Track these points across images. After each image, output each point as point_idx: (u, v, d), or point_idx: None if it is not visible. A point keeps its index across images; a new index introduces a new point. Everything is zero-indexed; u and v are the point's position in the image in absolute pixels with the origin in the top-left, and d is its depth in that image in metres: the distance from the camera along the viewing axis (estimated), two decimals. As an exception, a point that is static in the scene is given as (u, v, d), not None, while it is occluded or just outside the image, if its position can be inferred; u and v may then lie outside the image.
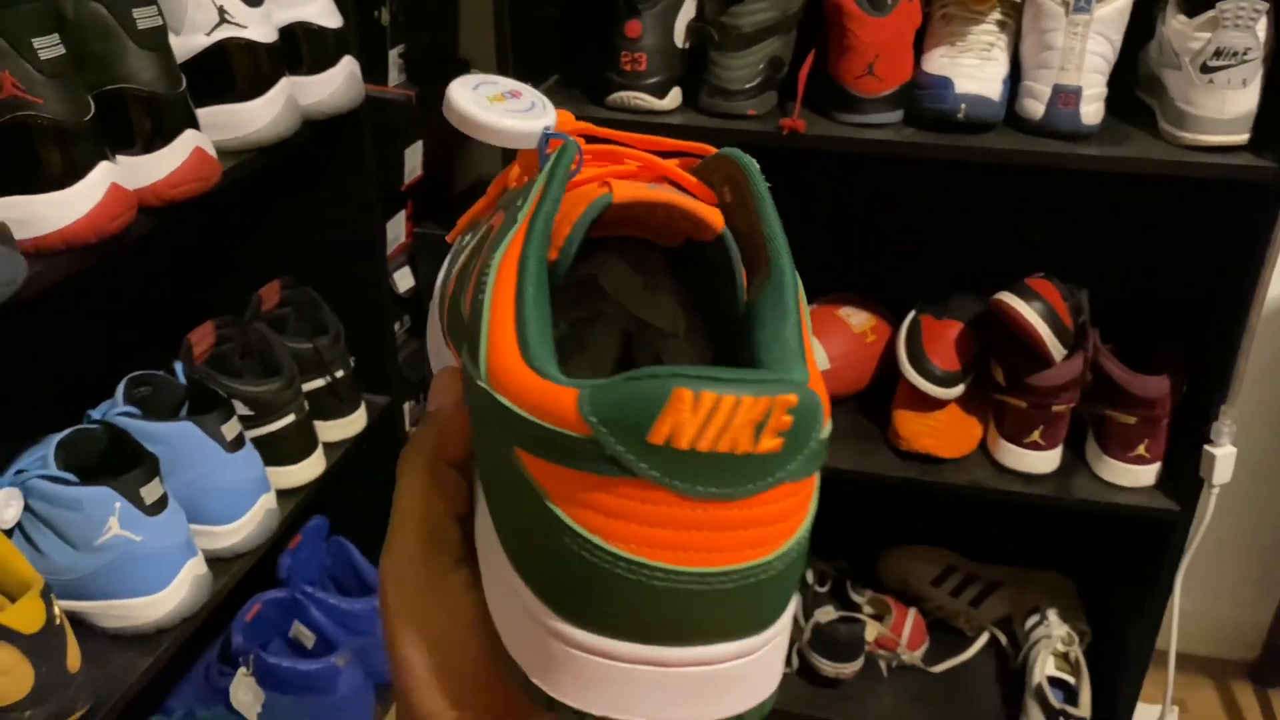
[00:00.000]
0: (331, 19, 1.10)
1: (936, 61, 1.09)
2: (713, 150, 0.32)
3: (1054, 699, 1.33)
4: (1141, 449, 1.19)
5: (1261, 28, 1.00)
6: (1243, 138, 1.03)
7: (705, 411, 0.21)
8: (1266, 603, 1.58)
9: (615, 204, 0.29)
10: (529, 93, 0.33)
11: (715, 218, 0.29)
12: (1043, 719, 1.33)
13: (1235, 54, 1.00)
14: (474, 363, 0.26)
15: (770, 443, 0.22)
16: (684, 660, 0.23)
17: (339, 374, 1.24)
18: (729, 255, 0.29)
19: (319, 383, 1.23)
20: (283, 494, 1.18)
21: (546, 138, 0.31)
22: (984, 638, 1.49)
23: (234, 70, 0.99)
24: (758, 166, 0.29)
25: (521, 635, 0.25)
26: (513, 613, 0.25)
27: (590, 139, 0.33)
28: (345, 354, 1.25)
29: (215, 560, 1.07)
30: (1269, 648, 1.58)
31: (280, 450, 1.16)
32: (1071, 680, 1.36)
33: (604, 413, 0.22)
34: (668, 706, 0.24)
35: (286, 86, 1.03)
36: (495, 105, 0.31)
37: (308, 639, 1.35)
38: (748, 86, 1.11)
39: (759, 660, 0.25)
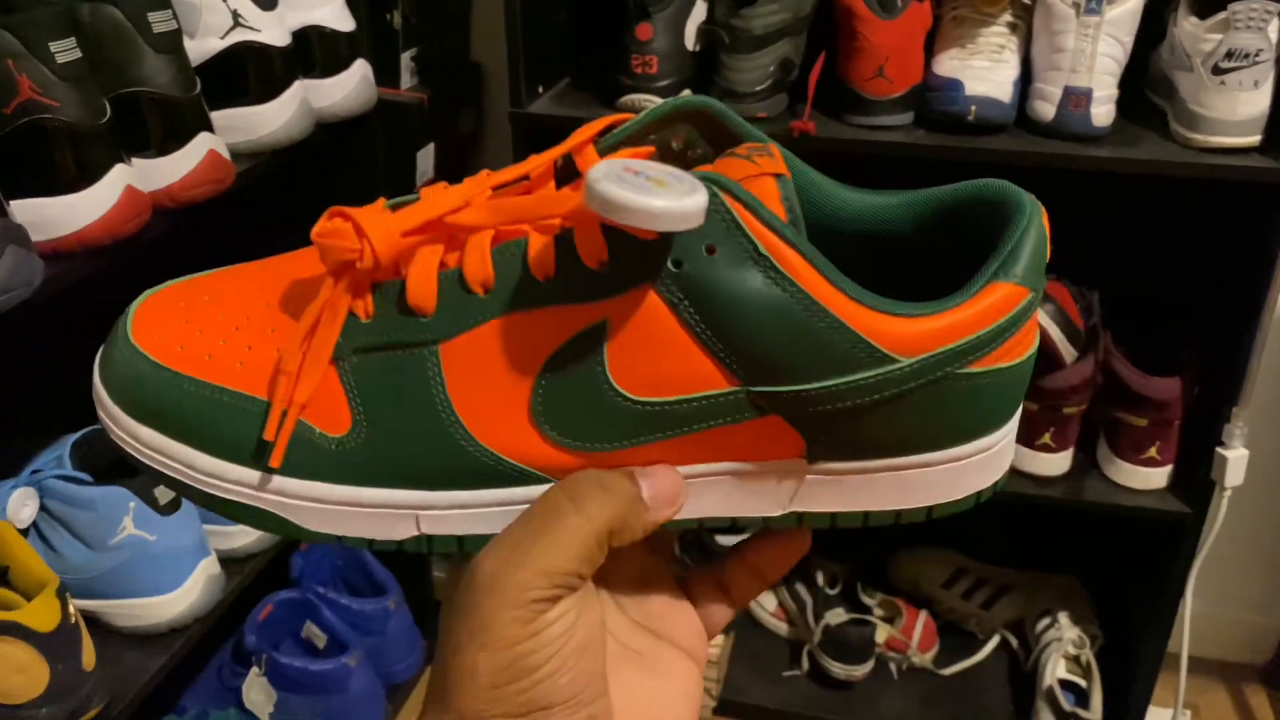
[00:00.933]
0: (344, 22, 1.11)
1: (947, 63, 1.09)
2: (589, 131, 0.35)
3: (1065, 702, 1.32)
4: (1153, 451, 1.19)
5: (1273, 29, 1.00)
6: (1254, 139, 1.03)
7: None
8: (1279, 606, 1.57)
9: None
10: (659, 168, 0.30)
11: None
12: (1054, 722, 1.32)
13: (1247, 55, 1.00)
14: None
15: None
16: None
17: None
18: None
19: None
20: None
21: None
22: (995, 640, 1.48)
23: (248, 73, 1.00)
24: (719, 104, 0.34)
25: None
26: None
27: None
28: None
29: (228, 560, 1.07)
30: (1282, 651, 1.58)
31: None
32: (1083, 683, 1.35)
33: None
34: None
35: (300, 89, 1.04)
36: (657, 189, 0.28)
37: (319, 639, 1.35)
38: (758, 89, 1.11)
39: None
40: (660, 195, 0.28)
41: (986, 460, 0.34)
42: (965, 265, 0.32)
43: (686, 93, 0.32)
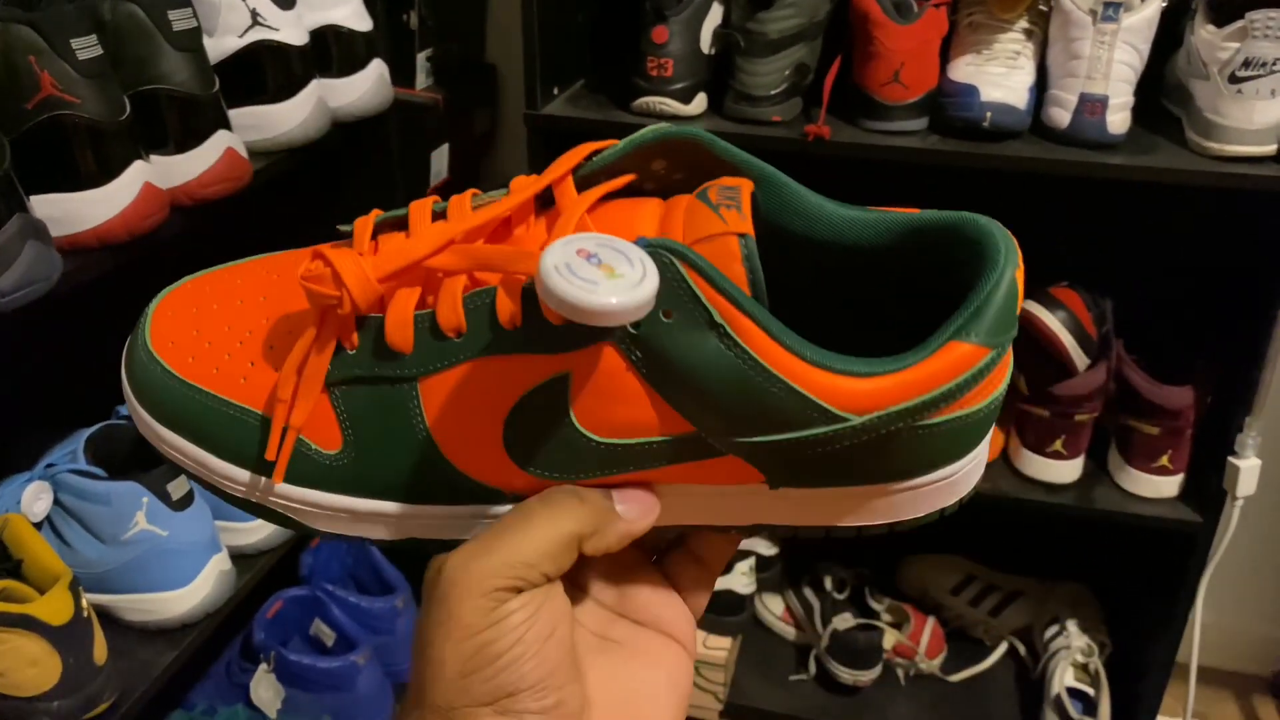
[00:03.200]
0: (361, 22, 1.11)
1: (962, 69, 1.09)
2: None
3: (1073, 710, 1.32)
4: (1164, 460, 1.19)
5: (1291, 38, 1.00)
6: (1271, 148, 1.02)
7: None
8: (1289, 617, 1.56)
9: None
10: (611, 248, 0.31)
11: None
12: (1062, 730, 1.32)
13: (1264, 64, 0.99)
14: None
15: None
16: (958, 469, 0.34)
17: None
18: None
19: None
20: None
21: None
22: (1003, 647, 1.48)
23: (265, 72, 1.00)
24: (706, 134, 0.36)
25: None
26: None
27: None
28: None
29: (239, 557, 1.08)
30: (1291, 663, 1.57)
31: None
32: (1091, 692, 1.35)
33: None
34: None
35: (316, 89, 1.05)
36: (610, 280, 0.29)
37: (328, 637, 1.36)
38: (773, 93, 1.11)
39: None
40: (610, 289, 0.29)
41: (948, 485, 0.34)
42: (938, 287, 0.33)
43: (664, 125, 0.33)
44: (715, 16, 1.13)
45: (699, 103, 1.14)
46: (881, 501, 0.34)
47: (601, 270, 0.29)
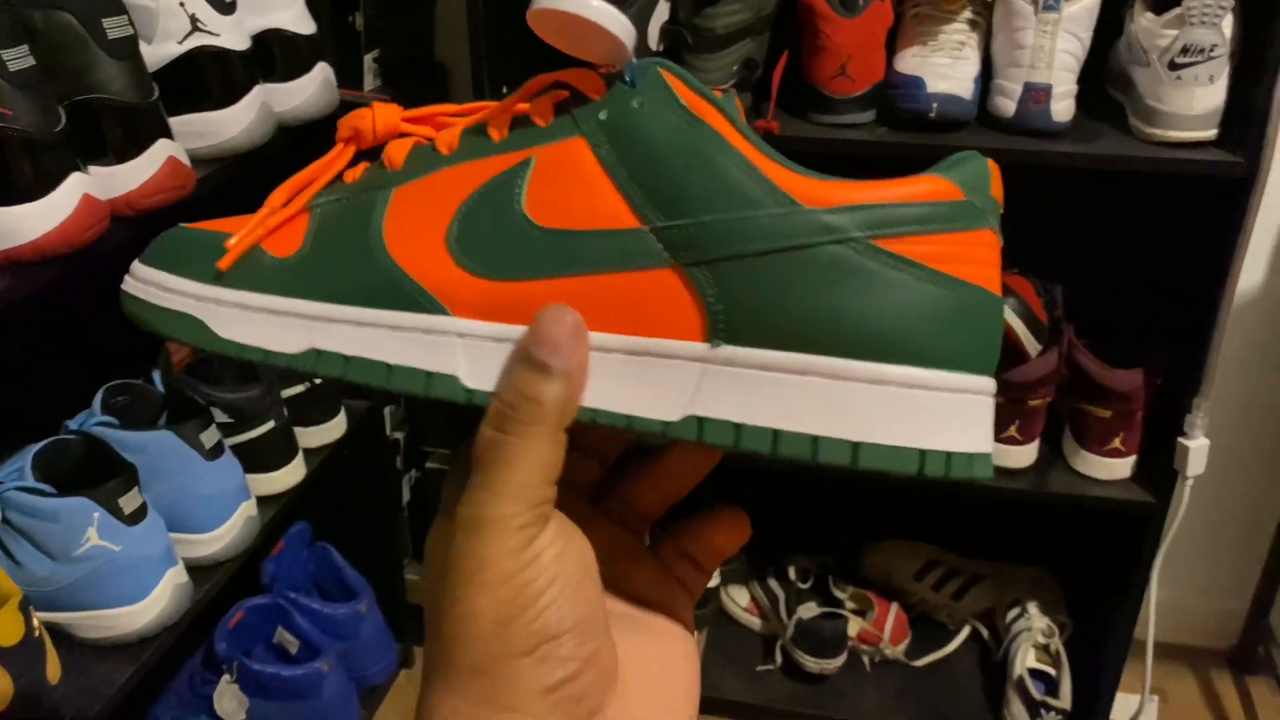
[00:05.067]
0: (305, 25, 1.10)
1: (908, 61, 1.10)
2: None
3: (1035, 691, 1.34)
4: (1117, 442, 1.21)
5: (1227, 24, 1.01)
6: (1211, 133, 1.04)
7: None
8: (1242, 591, 1.59)
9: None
10: None
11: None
12: (1024, 711, 1.34)
13: (1202, 50, 1.01)
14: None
15: None
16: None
17: (319, 380, 1.24)
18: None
19: (299, 389, 1.23)
20: (264, 501, 1.18)
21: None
22: (965, 631, 1.50)
23: (207, 78, 0.99)
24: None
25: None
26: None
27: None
28: (325, 359, 1.25)
29: (197, 568, 1.07)
30: (1246, 635, 1.60)
31: (260, 457, 1.16)
32: (1052, 672, 1.37)
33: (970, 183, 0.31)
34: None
35: (260, 94, 1.03)
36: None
37: (292, 645, 1.35)
38: (722, 88, 1.11)
39: None
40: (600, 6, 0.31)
41: (921, 404, 0.29)
42: None
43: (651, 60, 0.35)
44: (662, 13, 1.13)
45: (648, 99, 1.14)
46: (839, 397, 0.29)
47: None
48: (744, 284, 0.30)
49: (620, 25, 0.32)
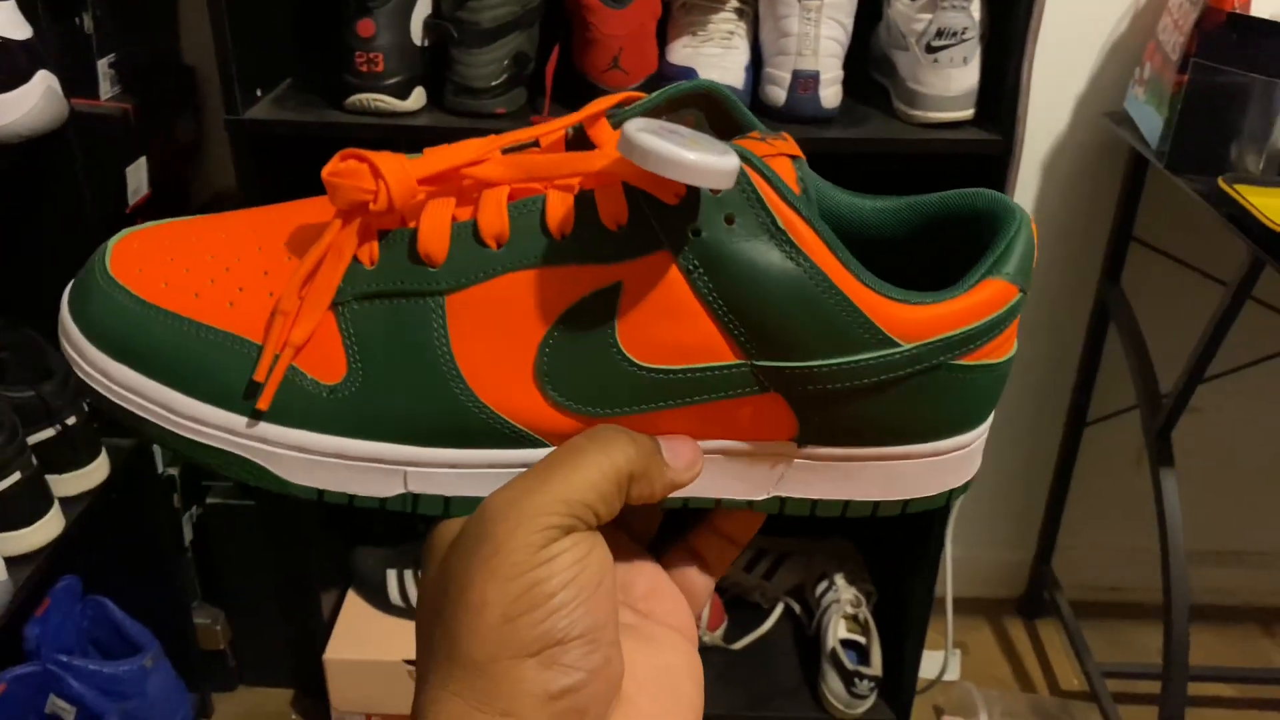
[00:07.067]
0: (18, 30, 0.98)
1: (680, 52, 1.09)
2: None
3: (848, 661, 1.38)
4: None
5: (976, 8, 1.05)
6: (968, 113, 1.08)
7: None
8: (1027, 542, 1.70)
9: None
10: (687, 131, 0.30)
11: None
12: (839, 682, 1.37)
13: (955, 34, 1.05)
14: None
15: None
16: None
17: (70, 420, 1.12)
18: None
19: (48, 433, 1.11)
20: (18, 560, 1.06)
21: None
22: (779, 609, 1.52)
23: (-101, 93, 0.87)
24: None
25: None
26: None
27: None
28: (76, 398, 1.13)
29: (-62, 647, 0.94)
30: (1032, 583, 1.71)
31: (7, 514, 1.04)
32: (863, 640, 1.41)
33: None
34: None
35: (-31, 108, 0.92)
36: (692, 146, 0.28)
37: (67, 713, 1.22)
38: (494, 84, 1.07)
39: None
40: (696, 150, 0.28)
41: (962, 459, 0.35)
42: (952, 271, 0.33)
43: (701, 80, 0.33)
44: (424, 7, 1.07)
45: (417, 97, 1.09)
46: (902, 471, 0.34)
47: (686, 140, 0.28)
48: (840, 406, 0.32)
49: (725, 176, 0.28)
